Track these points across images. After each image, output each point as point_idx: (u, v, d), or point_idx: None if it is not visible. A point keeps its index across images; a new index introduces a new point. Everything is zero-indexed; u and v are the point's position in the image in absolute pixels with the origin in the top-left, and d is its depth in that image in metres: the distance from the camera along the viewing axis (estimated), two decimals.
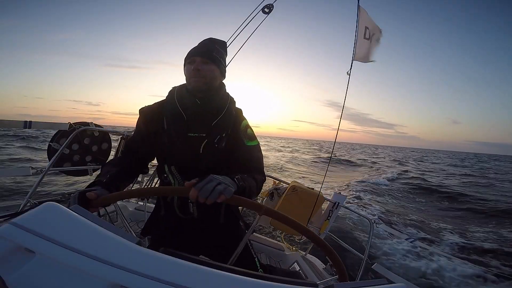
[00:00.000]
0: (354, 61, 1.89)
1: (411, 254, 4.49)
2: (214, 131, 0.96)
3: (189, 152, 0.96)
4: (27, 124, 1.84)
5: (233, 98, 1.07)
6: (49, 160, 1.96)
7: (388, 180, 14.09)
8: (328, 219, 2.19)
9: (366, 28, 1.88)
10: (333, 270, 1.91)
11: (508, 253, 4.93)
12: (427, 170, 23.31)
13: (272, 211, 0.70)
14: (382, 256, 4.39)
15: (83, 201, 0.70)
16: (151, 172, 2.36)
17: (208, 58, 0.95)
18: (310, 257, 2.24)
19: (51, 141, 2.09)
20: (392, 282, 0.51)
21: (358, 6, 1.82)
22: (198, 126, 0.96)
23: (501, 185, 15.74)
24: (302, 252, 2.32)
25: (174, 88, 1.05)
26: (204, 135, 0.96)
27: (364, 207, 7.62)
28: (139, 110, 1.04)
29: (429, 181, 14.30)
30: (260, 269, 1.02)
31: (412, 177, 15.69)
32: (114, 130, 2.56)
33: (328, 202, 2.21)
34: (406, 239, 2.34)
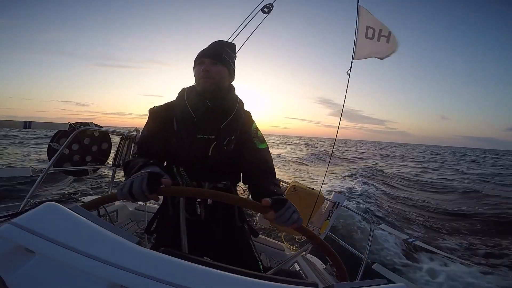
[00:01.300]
0: (355, 60, 1.88)
1: (411, 254, 4.49)
2: (223, 133, 0.97)
3: (198, 153, 0.96)
4: (27, 125, 1.84)
5: (241, 101, 1.07)
6: (49, 160, 1.97)
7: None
8: (328, 219, 2.19)
9: (368, 27, 1.87)
10: (333, 270, 1.91)
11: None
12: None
13: (324, 245, 0.72)
14: (382, 256, 4.39)
15: (152, 184, 0.65)
16: None
17: (217, 60, 0.96)
18: (310, 257, 2.24)
19: (51, 141, 2.09)
20: (392, 282, 0.51)
21: (358, 5, 1.81)
22: (207, 128, 0.96)
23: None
24: (302, 252, 2.33)
25: (183, 89, 1.05)
26: (213, 137, 0.96)
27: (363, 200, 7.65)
28: (149, 110, 1.03)
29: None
30: (263, 272, 1.02)
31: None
32: (114, 130, 2.56)
33: (328, 202, 2.21)
34: (406, 239, 2.34)
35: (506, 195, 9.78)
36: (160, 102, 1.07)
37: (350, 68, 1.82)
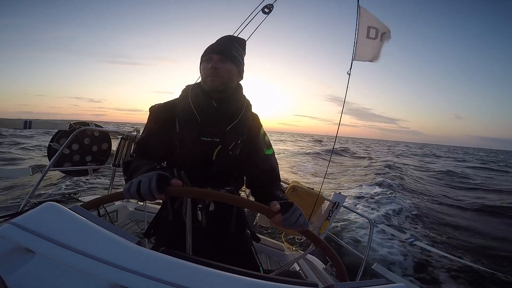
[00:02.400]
0: (356, 61, 1.89)
1: (411, 254, 4.49)
2: (229, 137, 0.91)
3: (201, 157, 0.90)
4: (27, 124, 1.84)
5: (249, 102, 1.00)
6: (49, 160, 1.97)
7: None
8: (328, 219, 2.19)
9: (369, 27, 1.87)
10: (333, 270, 1.91)
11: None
12: None
13: (327, 248, 0.72)
14: (382, 256, 4.39)
15: (161, 184, 0.65)
16: None
17: (226, 56, 0.89)
18: (310, 257, 2.24)
19: (51, 141, 2.09)
20: (392, 282, 0.51)
21: (358, 5, 1.81)
22: (212, 130, 0.90)
23: None
24: (302, 252, 2.32)
25: (188, 86, 0.98)
26: (218, 140, 0.90)
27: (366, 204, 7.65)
28: (150, 108, 0.98)
29: None
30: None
31: None
32: (114, 130, 2.56)
33: (328, 202, 2.21)
34: (406, 239, 2.33)
35: None
36: (166, 99, 0.99)
37: (350, 68, 1.83)
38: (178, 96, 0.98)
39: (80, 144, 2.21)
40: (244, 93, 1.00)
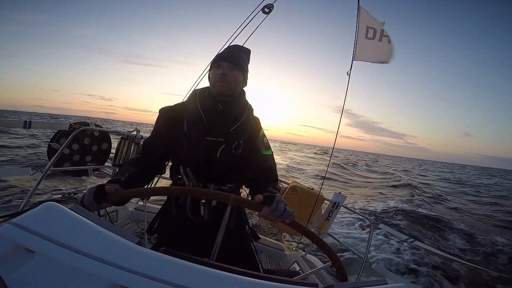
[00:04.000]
0: (356, 60, 1.89)
1: (411, 254, 4.49)
2: (232, 137, 0.98)
3: (206, 155, 0.97)
4: (27, 124, 1.85)
5: (251, 106, 1.08)
6: (49, 160, 1.97)
7: None
8: (328, 219, 2.19)
9: (368, 27, 1.87)
10: (333, 270, 1.91)
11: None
12: None
13: (321, 241, 0.73)
14: (382, 256, 4.39)
15: (99, 195, 0.71)
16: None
17: (234, 64, 0.97)
18: (310, 257, 2.25)
19: (51, 141, 2.09)
20: (392, 282, 0.51)
21: (358, 6, 1.82)
22: (217, 131, 0.98)
23: None
24: (302, 252, 2.33)
25: (196, 90, 1.06)
26: (222, 139, 0.97)
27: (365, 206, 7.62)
28: (160, 110, 1.04)
29: None
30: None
31: None
32: (114, 130, 2.56)
33: (328, 202, 2.21)
34: (405, 239, 2.33)
35: None
36: (177, 101, 1.08)
37: (350, 69, 1.83)
38: (186, 99, 1.06)
39: (80, 144, 2.21)
40: (247, 98, 1.08)
